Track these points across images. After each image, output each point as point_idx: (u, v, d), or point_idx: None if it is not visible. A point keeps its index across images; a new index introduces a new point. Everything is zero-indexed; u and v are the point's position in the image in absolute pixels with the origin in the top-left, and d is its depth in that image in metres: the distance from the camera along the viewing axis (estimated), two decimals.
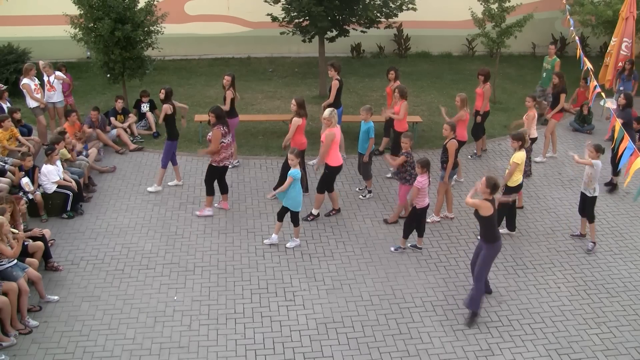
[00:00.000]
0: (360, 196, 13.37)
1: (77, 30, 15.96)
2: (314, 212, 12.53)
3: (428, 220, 12.11)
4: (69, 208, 12.44)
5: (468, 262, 11.24)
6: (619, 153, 10.86)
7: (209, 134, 12.18)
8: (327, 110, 12.31)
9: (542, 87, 17.35)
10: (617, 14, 18.34)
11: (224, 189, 12.67)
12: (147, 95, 16.77)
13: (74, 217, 12.45)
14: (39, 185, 12.34)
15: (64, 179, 12.48)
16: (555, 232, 12.23)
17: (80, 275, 10.76)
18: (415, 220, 11.42)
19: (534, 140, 13.75)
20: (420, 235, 11.58)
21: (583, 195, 11.71)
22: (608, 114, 16.24)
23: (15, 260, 9.69)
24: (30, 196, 12.13)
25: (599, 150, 11.39)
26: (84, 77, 19.56)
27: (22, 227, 10.65)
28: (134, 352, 9.13)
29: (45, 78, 15.38)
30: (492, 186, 9.28)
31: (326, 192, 12.46)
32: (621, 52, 17.94)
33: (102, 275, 10.79)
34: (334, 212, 12.69)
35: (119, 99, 16.05)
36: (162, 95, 13.17)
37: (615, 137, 11.61)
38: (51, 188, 12.27)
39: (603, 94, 13.45)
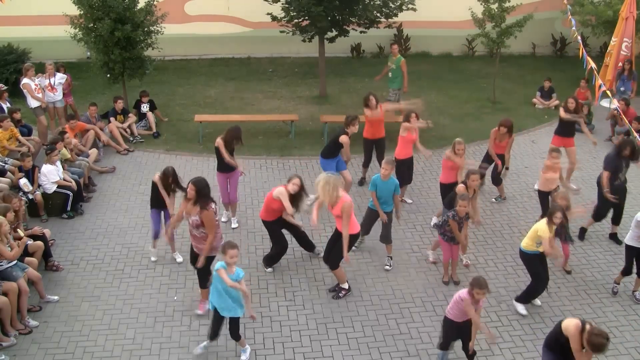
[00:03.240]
0: (387, 266, 11.29)
1: (77, 30, 15.96)
2: (344, 286, 10.49)
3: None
4: (69, 208, 12.45)
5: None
6: None
7: (194, 218, 9.31)
8: (322, 178, 9.86)
9: (393, 89, 16.93)
10: (617, 14, 18.35)
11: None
12: (147, 96, 16.77)
13: (74, 217, 12.45)
14: (39, 186, 12.34)
15: (64, 179, 12.48)
16: None
17: (80, 275, 10.76)
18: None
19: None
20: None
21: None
22: (610, 113, 16.25)
23: (15, 261, 9.69)
24: (30, 196, 12.13)
25: None
26: (83, 77, 19.56)
27: (22, 227, 10.66)
28: (133, 352, 9.13)
29: (46, 81, 15.37)
30: None
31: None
32: (621, 52, 17.95)
33: (102, 275, 10.79)
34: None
35: (118, 99, 16.04)
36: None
37: None
38: (51, 188, 12.27)
39: (609, 92, 13.39)
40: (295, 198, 10.50)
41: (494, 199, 13.48)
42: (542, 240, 9.46)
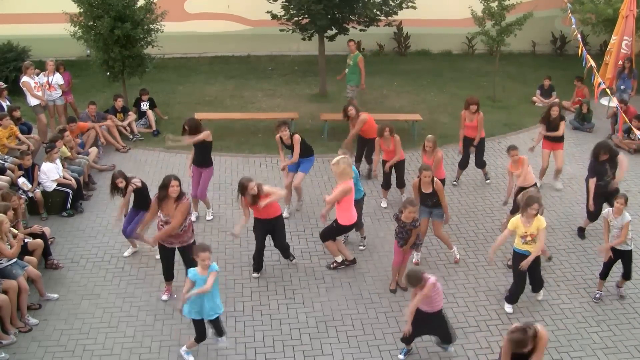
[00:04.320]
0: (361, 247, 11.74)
1: (77, 28, 15.96)
2: (338, 259, 10.96)
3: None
4: (68, 206, 12.45)
5: (467, 260, 11.27)
6: None
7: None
8: (338, 156, 10.46)
9: (350, 85, 16.83)
10: (617, 12, 18.31)
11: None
12: (146, 94, 16.77)
13: (73, 215, 12.46)
14: (39, 184, 12.34)
15: (63, 177, 12.48)
16: (555, 230, 12.22)
17: (80, 273, 10.76)
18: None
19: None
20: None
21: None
22: (610, 112, 16.26)
23: (15, 259, 9.69)
24: (30, 194, 12.13)
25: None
26: (83, 75, 19.55)
27: (22, 225, 10.67)
28: (133, 350, 9.14)
29: (45, 79, 15.37)
30: None
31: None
32: (621, 50, 17.93)
33: (101, 273, 10.80)
34: (348, 262, 11.08)
35: (118, 97, 16.04)
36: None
37: None
38: (51, 186, 12.27)
39: (608, 90, 13.36)
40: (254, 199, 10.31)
41: (487, 181, 14.04)
42: (517, 230, 9.50)
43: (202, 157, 11.97)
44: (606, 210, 10.24)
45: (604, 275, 10.34)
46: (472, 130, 13.53)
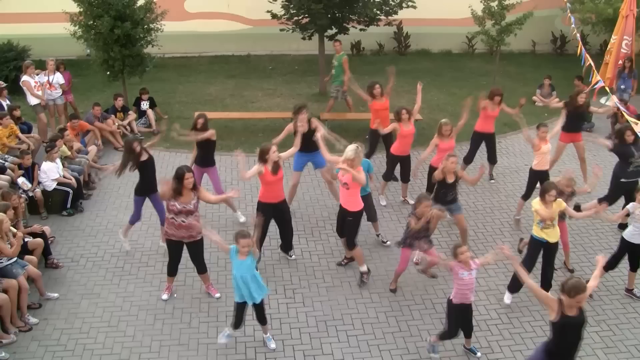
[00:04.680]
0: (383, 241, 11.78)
1: (77, 27, 15.96)
2: (363, 269, 10.63)
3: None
4: (68, 205, 12.45)
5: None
6: None
7: (194, 202, 9.66)
8: (351, 148, 9.99)
9: (335, 85, 16.88)
10: (617, 12, 18.32)
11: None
12: (146, 93, 16.77)
13: (74, 214, 12.46)
14: (39, 183, 12.34)
15: (63, 177, 12.49)
16: None
17: (80, 273, 10.77)
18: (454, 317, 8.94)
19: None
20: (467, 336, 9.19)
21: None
22: (610, 112, 16.22)
23: (15, 258, 9.69)
24: (30, 193, 12.14)
25: None
26: (83, 74, 19.55)
27: (21, 224, 10.67)
28: (133, 349, 9.14)
29: (45, 78, 15.37)
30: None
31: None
32: (621, 50, 17.92)
33: (101, 272, 10.80)
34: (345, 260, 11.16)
35: (118, 97, 16.04)
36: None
37: None
38: (51, 185, 12.28)
39: (608, 89, 13.34)
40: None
41: (492, 181, 14.08)
42: (539, 212, 9.55)
43: (207, 156, 11.93)
44: (631, 204, 10.13)
45: (610, 267, 10.33)
46: (490, 123, 13.55)
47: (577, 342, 7.44)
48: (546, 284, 9.91)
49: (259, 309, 8.90)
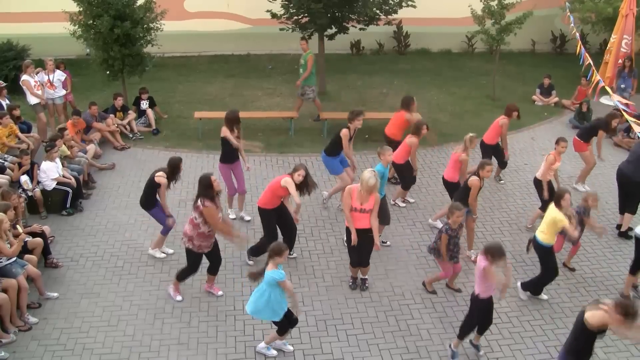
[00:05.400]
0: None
1: (77, 27, 15.94)
2: (366, 277, 10.66)
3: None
4: (68, 205, 12.45)
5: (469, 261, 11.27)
6: None
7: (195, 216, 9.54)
8: (369, 174, 9.63)
9: (309, 86, 16.77)
10: (617, 11, 18.34)
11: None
12: (146, 92, 16.76)
13: (73, 214, 12.46)
14: (38, 182, 12.34)
15: (63, 176, 12.49)
16: None
17: (79, 272, 10.77)
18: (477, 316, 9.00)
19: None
20: (480, 332, 9.22)
21: None
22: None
23: (15, 258, 9.69)
24: (30, 193, 12.13)
25: None
26: (83, 74, 19.53)
27: (21, 224, 10.67)
28: (133, 348, 9.15)
29: (46, 77, 15.37)
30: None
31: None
32: (621, 49, 17.94)
33: (101, 272, 10.80)
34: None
35: (117, 96, 16.05)
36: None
37: None
38: (50, 185, 12.27)
39: (609, 89, 13.34)
40: (300, 188, 10.44)
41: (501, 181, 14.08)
42: (565, 227, 9.62)
43: (233, 153, 11.92)
44: None
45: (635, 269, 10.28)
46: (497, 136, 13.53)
47: None
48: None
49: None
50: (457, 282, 10.66)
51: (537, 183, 12.13)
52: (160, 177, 10.58)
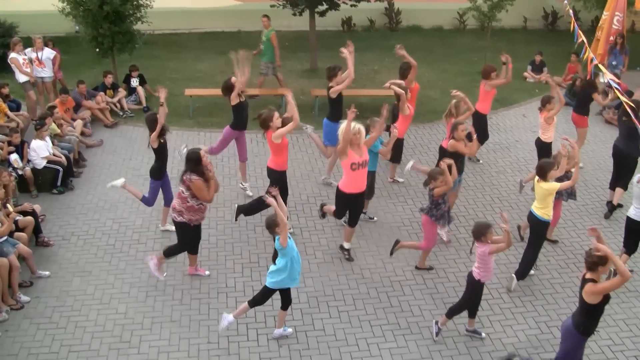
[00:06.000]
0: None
1: (65, 4, 15.80)
2: (348, 246, 10.74)
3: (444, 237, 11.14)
4: (59, 183, 12.40)
5: (458, 235, 11.32)
6: None
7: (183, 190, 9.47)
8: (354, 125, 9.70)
9: (265, 62, 16.93)
10: None
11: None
12: (136, 70, 16.66)
13: (64, 192, 12.42)
14: (29, 161, 12.29)
15: (53, 154, 12.43)
16: None
17: (71, 251, 10.76)
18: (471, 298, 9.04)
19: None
20: (473, 315, 9.20)
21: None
22: (601, 88, 16.22)
23: (6, 237, 9.67)
24: (20, 172, 12.08)
25: None
26: (72, 51, 19.37)
27: (11, 202, 10.63)
28: (126, 326, 9.17)
29: (34, 54, 15.24)
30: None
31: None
32: (613, 26, 17.89)
33: (93, 250, 10.79)
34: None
35: (108, 74, 15.96)
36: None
37: None
38: (41, 163, 12.22)
39: (602, 66, 13.32)
40: (286, 122, 10.45)
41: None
42: (560, 188, 9.57)
43: (243, 120, 12.12)
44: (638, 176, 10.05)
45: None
46: (488, 102, 13.44)
47: None
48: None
49: (288, 293, 8.81)
50: (458, 260, 10.70)
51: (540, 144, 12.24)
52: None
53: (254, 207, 10.97)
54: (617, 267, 7.16)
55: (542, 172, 9.49)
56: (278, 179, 10.55)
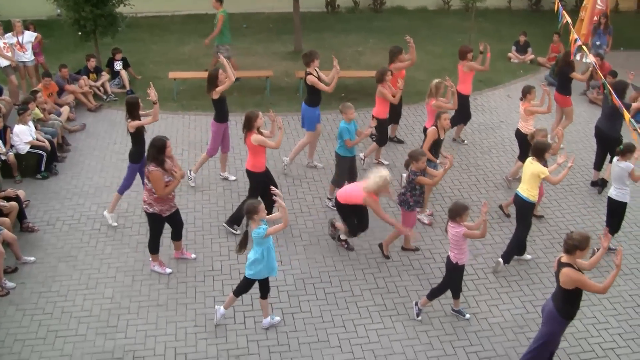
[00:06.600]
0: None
1: None
2: (343, 236, 10.69)
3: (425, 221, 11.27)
4: (43, 168, 12.32)
5: (444, 216, 11.31)
6: None
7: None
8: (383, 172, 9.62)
9: (223, 45, 16.59)
10: None
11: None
12: (119, 53, 16.52)
13: (48, 177, 12.34)
14: (12, 146, 12.19)
15: (37, 139, 12.34)
16: None
17: (56, 236, 10.71)
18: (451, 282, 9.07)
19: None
20: (457, 296, 9.26)
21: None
22: (586, 68, 16.27)
23: None
24: (3, 157, 11.98)
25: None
26: (54, 35, 19.18)
27: None
28: (112, 310, 9.16)
29: (15, 39, 15.06)
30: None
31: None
32: (597, 6, 17.90)
33: (78, 235, 10.75)
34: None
35: (90, 57, 15.82)
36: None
37: None
38: (24, 148, 12.13)
39: (584, 47, 13.34)
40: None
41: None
42: (547, 179, 9.59)
43: (225, 111, 11.95)
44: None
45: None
46: (469, 83, 13.48)
47: None
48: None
49: (266, 282, 8.76)
50: (444, 241, 10.76)
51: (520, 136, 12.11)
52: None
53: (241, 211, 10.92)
54: (610, 280, 7.21)
55: (539, 152, 9.63)
56: (259, 181, 10.47)
